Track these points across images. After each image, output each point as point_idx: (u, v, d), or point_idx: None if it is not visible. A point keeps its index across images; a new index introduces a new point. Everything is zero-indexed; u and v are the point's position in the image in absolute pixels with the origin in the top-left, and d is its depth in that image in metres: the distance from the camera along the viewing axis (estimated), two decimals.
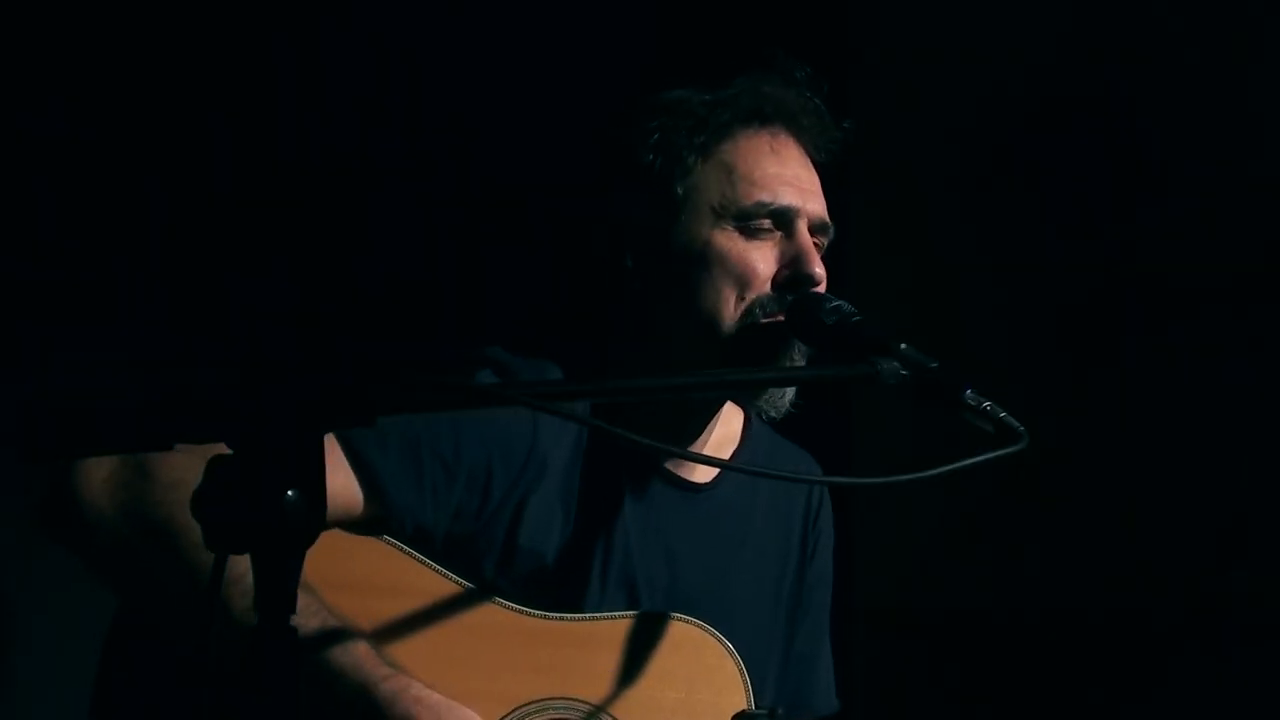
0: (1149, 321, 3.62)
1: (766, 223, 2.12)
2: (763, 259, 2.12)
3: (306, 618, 1.35)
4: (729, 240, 2.12)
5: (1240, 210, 3.51)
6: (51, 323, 3.10)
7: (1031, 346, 3.76)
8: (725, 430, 2.30)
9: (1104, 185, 3.69)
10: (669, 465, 2.22)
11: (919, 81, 3.96)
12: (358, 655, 1.88)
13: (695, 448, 2.21)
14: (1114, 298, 3.67)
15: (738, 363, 2.10)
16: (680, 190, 2.14)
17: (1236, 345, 3.50)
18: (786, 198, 2.13)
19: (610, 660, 2.10)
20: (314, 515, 1.33)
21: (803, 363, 2.13)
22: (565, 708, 2.08)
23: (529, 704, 2.06)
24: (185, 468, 1.82)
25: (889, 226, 3.98)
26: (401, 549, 2.01)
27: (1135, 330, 3.63)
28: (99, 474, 1.88)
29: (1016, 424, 1.76)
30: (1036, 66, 3.80)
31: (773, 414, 2.21)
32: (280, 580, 1.32)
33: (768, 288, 2.11)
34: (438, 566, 2.03)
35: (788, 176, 2.15)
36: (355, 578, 1.94)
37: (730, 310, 2.11)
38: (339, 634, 1.88)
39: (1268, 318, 3.45)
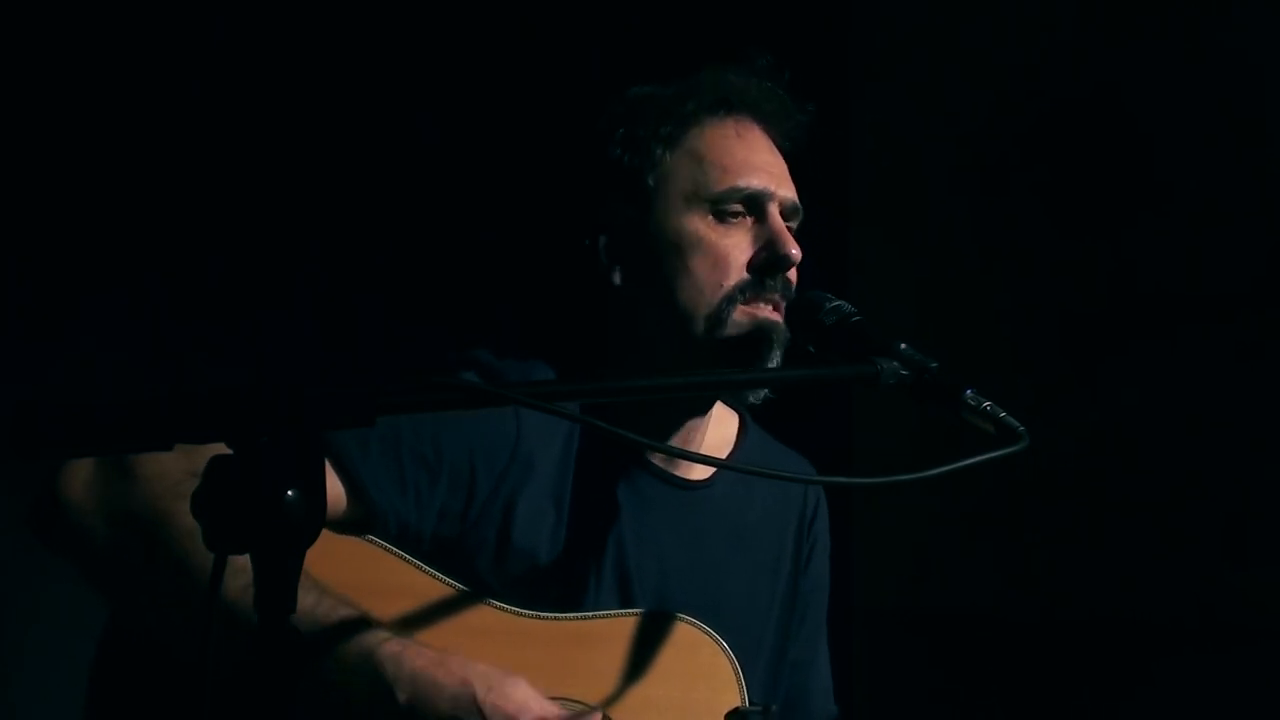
0: (1150, 325, 3.62)
1: (739, 208, 2.14)
2: (737, 244, 2.13)
3: (301, 593, 1.34)
4: (703, 227, 2.13)
5: (1243, 216, 3.52)
6: (50, 324, 3.10)
7: (1033, 349, 3.76)
8: (721, 433, 2.30)
9: (1108, 190, 3.69)
10: (663, 463, 2.22)
11: (924, 86, 3.97)
12: (352, 621, 1.89)
13: (691, 448, 2.21)
14: (1116, 301, 3.68)
15: (722, 352, 2.11)
16: (651, 182, 2.15)
17: (1237, 350, 3.50)
18: (758, 181, 2.14)
19: (605, 659, 2.10)
20: (314, 515, 1.32)
21: (781, 358, 2.14)
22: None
23: None
24: (167, 460, 1.82)
25: (893, 229, 3.99)
26: (392, 551, 2.01)
27: (1136, 333, 3.64)
28: (81, 475, 1.88)
29: (1016, 424, 1.76)
30: (1042, 72, 3.80)
31: (753, 401, 2.22)
32: (280, 580, 1.32)
33: (745, 273, 2.12)
34: (429, 568, 2.03)
35: (756, 161, 2.17)
36: (346, 580, 1.93)
37: (709, 296, 2.12)
38: (331, 606, 1.89)
39: (1266, 323, 3.45)
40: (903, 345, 1.86)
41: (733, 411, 2.33)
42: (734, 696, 2.16)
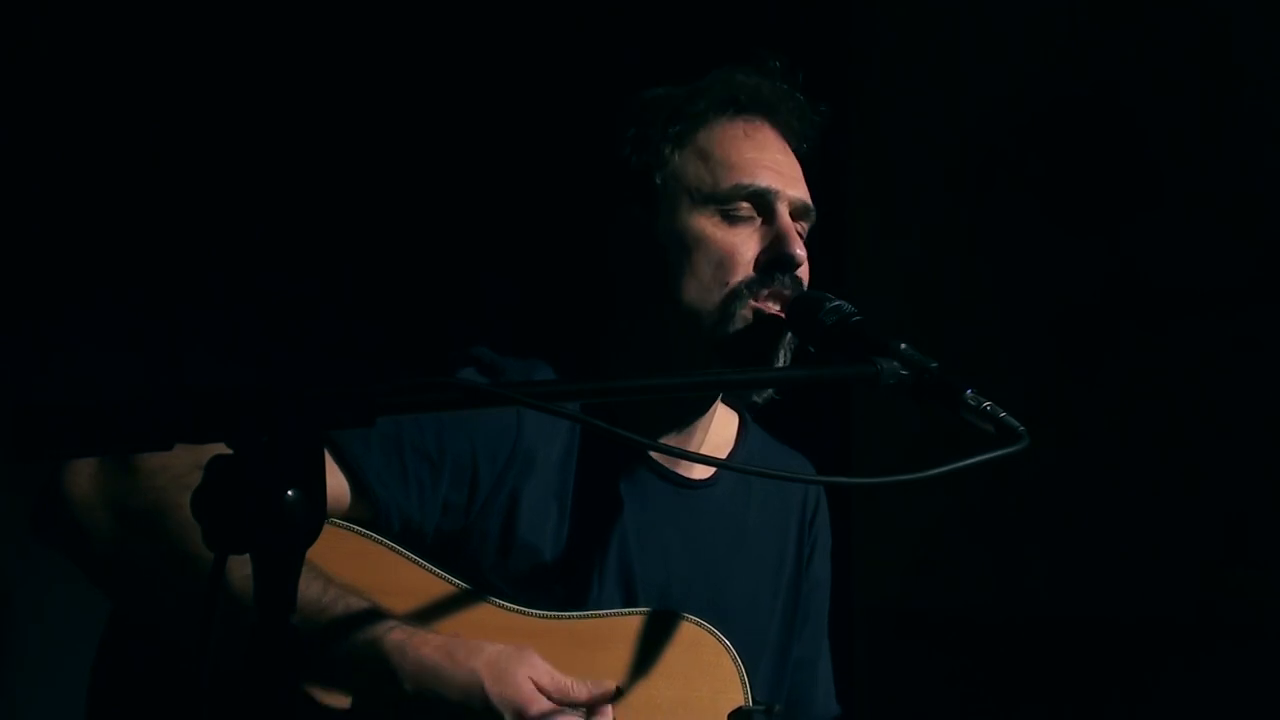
0: (1148, 322, 3.62)
1: (746, 207, 2.14)
2: (743, 242, 2.13)
3: (306, 583, 1.35)
4: (710, 225, 2.13)
5: (1237, 212, 3.51)
6: (50, 324, 3.10)
7: (1031, 347, 3.76)
8: (721, 432, 2.30)
9: (1103, 187, 3.69)
10: (664, 462, 2.22)
11: (919, 84, 3.97)
12: (358, 610, 1.90)
13: (692, 447, 2.21)
14: (1113, 299, 3.68)
15: (728, 350, 2.11)
16: (659, 181, 2.16)
17: (1234, 346, 3.50)
18: (765, 180, 2.15)
19: (608, 658, 2.10)
20: (314, 515, 1.32)
21: (789, 356, 2.14)
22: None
23: None
24: (170, 456, 1.82)
25: (890, 228, 3.99)
26: (396, 550, 2.01)
27: (1134, 331, 3.63)
28: (84, 473, 1.89)
29: (1016, 424, 1.77)
30: (1036, 69, 3.80)
31: (756, 400, 2.21)
32: (280, 580, 1.32)
33: (751, 270, 2.12)
34: (432, 566, 2.03)
35: (765, 160, 2.17)
36: (350, 580, 1.93)
37: (715, 294, 2.12)
38: (337, 595, 1.90)
39: (1264, 319, 3.45)
40: (903, 345, 1.87)
41: (733, 411, 2.34)
42: (737, 695, 2.16)
